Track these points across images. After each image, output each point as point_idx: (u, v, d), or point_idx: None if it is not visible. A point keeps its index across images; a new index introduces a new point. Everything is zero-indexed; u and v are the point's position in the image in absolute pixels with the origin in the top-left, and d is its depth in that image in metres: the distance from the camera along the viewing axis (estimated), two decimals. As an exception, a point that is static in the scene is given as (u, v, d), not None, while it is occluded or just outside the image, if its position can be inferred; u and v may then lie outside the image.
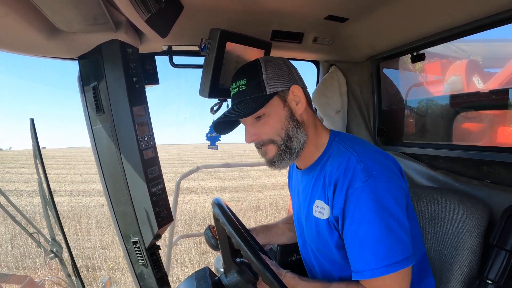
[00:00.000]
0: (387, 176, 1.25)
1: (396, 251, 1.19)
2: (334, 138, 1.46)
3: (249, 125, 1.47)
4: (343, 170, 1.28)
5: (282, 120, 1.41)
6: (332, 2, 1.64)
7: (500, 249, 1.52)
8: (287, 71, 1.43)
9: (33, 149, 1.73)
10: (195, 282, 1.40)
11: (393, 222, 1.20)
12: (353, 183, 1.24)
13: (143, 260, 1.79)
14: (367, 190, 1.22)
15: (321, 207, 1.38)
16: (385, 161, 1.32)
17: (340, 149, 1.39)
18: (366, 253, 1.21)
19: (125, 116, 1.63)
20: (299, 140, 1.41)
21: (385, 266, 1.18)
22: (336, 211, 1.29)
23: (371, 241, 1.20)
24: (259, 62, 1.43)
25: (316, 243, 1.47)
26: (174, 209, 3.18)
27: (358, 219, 1.23)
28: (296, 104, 1.42)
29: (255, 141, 1.47)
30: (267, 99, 1.39)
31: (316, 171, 1.45)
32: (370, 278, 1.20)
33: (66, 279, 1.91)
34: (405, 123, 2.60)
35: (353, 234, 1.25)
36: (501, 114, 2.05)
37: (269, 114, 1.41)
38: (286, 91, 1.41)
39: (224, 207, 1.31)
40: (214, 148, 2.20)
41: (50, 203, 1.75)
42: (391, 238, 1.20)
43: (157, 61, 2.02)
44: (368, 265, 1.20)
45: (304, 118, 1.44)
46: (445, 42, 1.97)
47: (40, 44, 1.46)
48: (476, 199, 1.73)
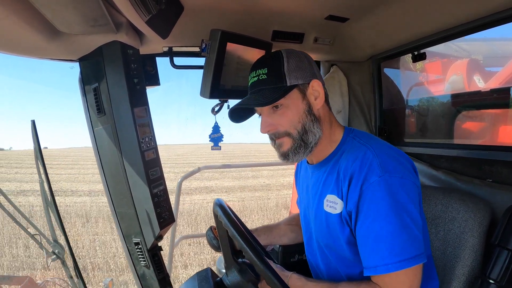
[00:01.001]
0: (402, 172, 1.26)
1: (410, 247, 1.19)
2: (348, 134, 1.46)
3: (265, 115, 1.45)
4: (359, 164, 1.28)
5: (300, 113, 1.40)
6: (333, 2, 1.64)
7: (502, 249, 1.52)
8: (308, 65, 1.43)
9: (34, 150, 1.73)
10: (197, 282, 1.40)
11: (407, 218, 1.21)
12: (369, 177, 1.24)
13: (145, 261, 1.79)
14: (382, 185, 1.22)
15: (334, 202, 1.37)
16: (400, 158, 1.32)
17: (356, 144, 1.39)
18: (381, 247, 1.21)
19: (126, 117, 1.63)
20: (315, 134, 1.41)
21: (400, 261, 1.18)
22: (350, 206, 1.29)
23: (386, 236, 1.20)
24: (281, 53, 1.42)
25: (326, 239, 1.46)
26: (175, 210, 3.19)
27: (373, 213, 1.23)
28: (314, 99, 1.42)
29: (270, 132, 1.46)
30: (287, 90, 1.38)
31: (328, 166, 1.45)
32: (384, 273, 1.20)
33: (68, 280, 1.91)
34: (406, 123, 2.60)
35: (368, 228, 1.24)
36: (503, 113, 2.05)
37: (288, 106, 1.40)
38: (306, 85, 1.41)
39: (226, 208, 1.31)
40: (218, 149, 2.20)
41: (52, 204, 1.75)
42: (405, 233, 1.20)
43: (157, 62, 2.02)
44: (383, 260, 1.20)
45: (321, 114, 1.44)
46: (446, 41, 1.97)
47: (41, 46, 1.47)
48: (478, 198, 1.73)
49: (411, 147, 2.39)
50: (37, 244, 1.84)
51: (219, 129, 2.16)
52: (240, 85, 1.91)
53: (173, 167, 25.23)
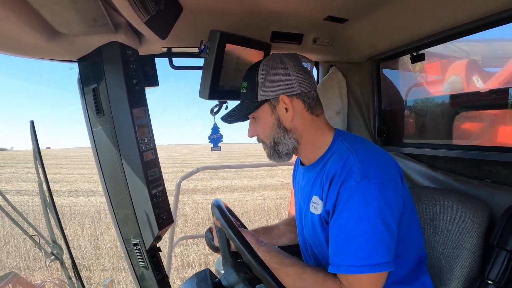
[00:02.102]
0: (383, 178, 1.26)
1: (377, 253, 1.20)
2: (338, 137, 1.48)
3: (250, 123, 1.59)
4: (340, 167, 1.30)
5: (270, 126, 1.50)
6: (332, 3, 1.64)
7: (501, 250, 1.52)
8: (283, 76, 1.44)
9: (33, 151, 1.73)
10: (195, 283, 1.40)
11: (380, 225, 1.21)
12: (347, 181, 1.26)
13: (144, 262, 1.79)
14: (359, 191, 1.23)
15: (316, 203, 1.42)
16: (384, 163, 1.33)
17: (342, 147, 1.41)
18: (347, 249, 1.23)
19: (125, 118, 1.63)
20: (287, 145, 1.49)
21: (362, 266, 1.19)
22: (328, 206, 1.32)
23: (354, 239, 1.22)
24: (259, 65, 1.47)
25: (312, 239, 1.50)
26: (174, 210, 3.18)
27: (346, 215, 1.25)
28: (285, 112, 1.45)
29: (254, 137, 1.60)
30: (258, 105, 1.48)
31: (317, 168, 1.48)
32: (345, 273, 1.23)
33: (67, 281, 1.91)
34: (405, 124, 2.60)
35: (339, 228, 1.27)
36: (501, 113, 2.05)
37: (260, 119, 1.52)
38: (276, 99, 1.45)
39: (223, 208, 1.31)
40: (217, 150, 2.20)
41: (51, 205, 1.75)
42: (375, 239, 1.21)
43: (156, 63, 2.02)
44: (346, 261, 1.22)
45: (296, 124, 1.48)
46: (444, 42, 1.97)
47: (40, 47, 1.46)
48: (477, 199, 1.73)
49: (409, 148, 2.40)
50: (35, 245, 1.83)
51: (218, 129, 2.16)
52: (239, 86, 1.90)
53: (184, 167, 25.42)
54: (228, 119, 1.58)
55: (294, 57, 1.49)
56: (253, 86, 1.47)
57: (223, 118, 1.63)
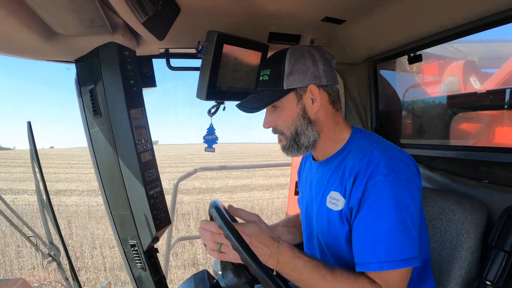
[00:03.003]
0: (407, 174, 1.26)
1: (407, 249, 1.20)
2: (356, 134, 1.47)
3: (268, 112, 1.53)
4: (366, 162, 1.29)
5: (293, 116, 1.45)
6: (329, 4, 1.64)
7: (499, 250, 1.52)
8: (311, 66, 1.42)
9: (30, 151, 1.73)
10: (193, 285, 1.39)
11: (408, 220, 1.21)
12: (375, 176, 1.25)
13: (141, 263, 1.79)
14: (387, 185, 1.22)
15: (336, 198, 1.38)
16: (405, 159, 1.33)
17: (363, 144, 1.40)
18: (378, 245, 1.21)
19: (122, 119, 1.63)
20: (309, 137, 1.45)
21: (395, 261, 1.18)
22: (352, 202, 1.30)
23: (385, 235, 1.21)
24: (286, 54, 1.44)
25: (326, 236, 1.46)
26: (172, 211, 3.18)
27: (375, 211, 1.23)
28: (312, 103, 1.43)
29: (270, 128, 1.54)
30: (283, 94, 1.43)
31: (334, 163, 1.46)
32: (377, 270, 1.21)
33: (64, 282, 1.90)
34: (402, 124, 2.60)
35: (367, 225, 1.25)
36: (499, 114, 2.06)
37: (283, 108, 1.46)
38: (304, 88, 1.42)
39: (221, 209, 1.30)
40: (211, 151, 2.19)
41: (48, 206, 1.74)
42: (404, 234, 1.20)
43: (154, 64, 2.02)
44: (378, 258, 1.20)
45: (320, 116, 1.46)
46: (442, 43, 1.97)
47: (37, 47, 1.46)
48: (475, 200, 1.73)
49: (407, 149, 2.39)
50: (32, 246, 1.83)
51: (214, 131, 2.15)
52: (236, 86, 1.90)
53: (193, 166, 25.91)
54: (246, 107, 1.52)
55: (320, 50, 1.48)
56: (278, 74, 1.43)
57: (240, 106, 1.58)
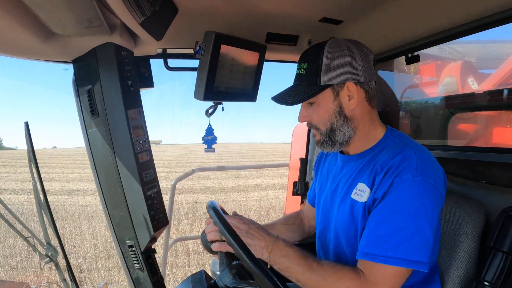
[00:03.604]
0: (436, 180, 1.26)
1: (418, 251, 1.19)
2: (391, 132, 1.48)
3: (303, 107, 1.50)
4: (399, 159, 1.29)
5: (329, 113, 1.43)
6: (327, 4, 1.65)
7: (497, 251, 1.51)
8: (349, 62, 1.40)
9: (28, 152, 1.72)
10: (191, 285, 1.39)
11: (426, 223, 1.21)
12: (404, 174, 1.25)
13: (139, 263, 1.79)
14: (414, 186, 1.23)
15: (362, 190, 1.38)
16: (438, 166, 1.34)
17: (398, 142, 1.40)
18: (390, 239, 1.21)
19: (120, 119, 1.63)
20: (344, 134, 1.43)
21: (401, 259, 1.18)
22: (378, 194, 1.30)
23: (399, 231, 1.21)
24: (324, 48, 1.41)
25: (347, 227, 1.45)
26: (169, 212, 3.17)
27: (395, 207, 1.24)
28: (348, 100, 1.41)
29: (305, 122, 1.52)
30: (319, 90, 1.40)
31: (366, 158, 1.46)
32: (381, 263, 1.20)
33: (62, 283, 1.90)
34: (400, 125, 2.60)
35: (383, 218, 1.25)
36: (496, 115, 2.06)
37: (319, 104, 1.43)
38: (341, 85, 1.40)
39: (219, 210, 1.30)
40: (211, 151, 2.19)
41: (45, 207, 1.74)
42: (419, 237, 1.20)
43: (152, 64, 2.01)
44: (385, 252, 1.20)
45: (356, 113, 1.44)
46: (439, 43, 1.98)
47: (35, 47, 1.46)
48: (473, 200, 1.73)
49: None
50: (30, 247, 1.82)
51: (212, 131, 2.15)
52: (234, 86, 1.91)
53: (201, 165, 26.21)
54: (283, 101, 1.48)
55: (358, 45, 1.45)
56: (315, 68, 1.39)
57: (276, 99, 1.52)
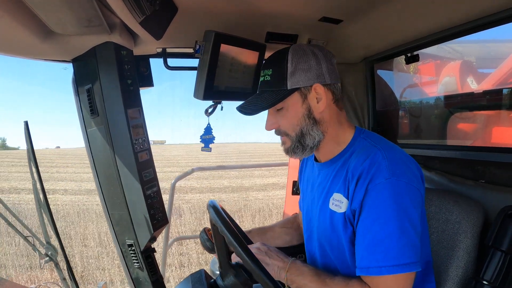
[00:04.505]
0: (410, 177, 1.25)
1: (407, 253, 1.19)
2: (359, 134, 1.46)
3: (270, 114, 1.48)
4: (368, 164, 1.28)
5: (298, 116, 1.41)
6: (327, 3, 1.64)
7: (496, 250, 1.52)
8: (315, 65, 1.39)
9: (27, 151, 1.72)
10: (190, 284, 1.39)
11: (408, 224, 1.20)
12: (376, 178, 1.24)
13: (139, 263, 1.79)
14: (388, 188, 1.21)
15: (339, 201, 1.36)
16: (410, 163, 1.32)
17: (366, 145, 1.38)
18: (377, 249, 1.20)
19: (119, 118, 1.63)
20: (314, 138, 1.41)
21: (393, 266, 1.17)
22: (355, 204, 1.28)
23: (384, 239, 1.20)
24: (287, 53, 1.40)
25: (328, 238, 1.45)
26: (169, 211, 3.17)
27: (374, 214, 1.22)
28: (317, 102, 1.40)
29: (273, 130, 1.49)
30: (287, 94, 1.38)
31: (337, 164, 1.44)
32: (376, 275, 1.20)
33: (61, 283, 1.90)
34: (399, 124, 2.60)
35: (367, 228, 1.24)
36: (495, 114, 2.06)
37: (287, 109, 1.41)
38: (308, 88, 1.39)
39: (219, 209, 1.30)
40: (208, 150, 2.18)
41: (45, 206, 1.74)
42: (404, 239, 1.19)
43: (151, 63, 2.01)
44: (377, 262, 1.19)
45: (325, 116, 1.43)
46: (439, 43, 1.98)
47: (34, 46, 1.46)
48: (471, 199, 1.73)
49: (404, 149, 2.37)
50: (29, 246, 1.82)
51: (211, 130, 2.15)
52: (233, 86, 1.91)
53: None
54: (248, 109, 1.46)
55: (321, 48, 1.45)
56: (280, 73, 1.39)
57: (241, 108, 1.52)
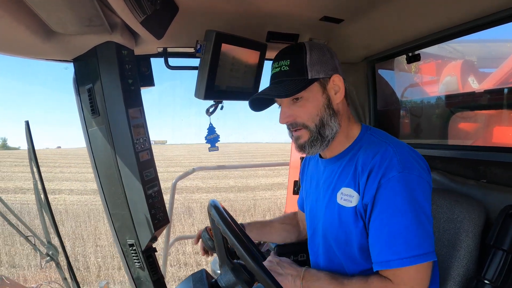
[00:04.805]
0: (420, 171, 1.27)
1: (424, 243, 1.20)
2: (366, 130, 1.48)
3: (285, 106, 1.46)
4: (379, 159, 1.29)
5: (319, 106, 1.41)
6: (327, 3, 1.64)
7: (497, 249, 1.52)
8: (330, 59, 1.43)
9: (28, 151, 1.72)
10: (192, 284, 1.39)
11: (422, 215, 1.22)
12: (388, 172, 1.25)
13: (140, 262, 1.79)
14: (402, 181, 1.23)
15: (349, 195, 1.37)
16: (417, 157, 1.34)
17: (374, 140, 1.40)
18: (396, 242, 1.22)
19: (120, 118, 1.63)
20: (332, 129, 1.42)
21: (414, 256, 1.18)
22: (367, 199, 1.30)
23: (402, 231, 1.21)
24: (305, 45, 1.42)
25: (336, 233, 1.45)
26: (170, 211, 3.18)
27: (390, 208, 1.24)
28: (335, 93, 1.43)
29: (289, 123, 1.47)
30: (308, 83, 1.39)
31: (344, 159, 1.46)
32: (398, 267, 1.20)
33: (62, 282, 1.90)
34: (400, 124, 2.60)
35: (383, 222, 1.25)
36: (497, 114, 2.06)
37: (307, 99, 1.41)
38: (327, 79, 1.42)
39: (220, 209, 1.30)
40: (215, 150, 2.19)
41: (46, 206, 1.74)
42: (420, 229, 1.21)
43: (152, 63, 2.01)
44: (398, 254, 1.20)
45: (340, 108, 1.46)
46: (440, 42, 1.98)
47: (35, 46, 1.46)
48: (473, 199, 1.73)
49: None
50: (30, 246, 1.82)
51: (214, 130, 2.15)
52: (234, 85, 1.91)
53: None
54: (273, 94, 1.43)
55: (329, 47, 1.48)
56: (300, 64, 1.39)
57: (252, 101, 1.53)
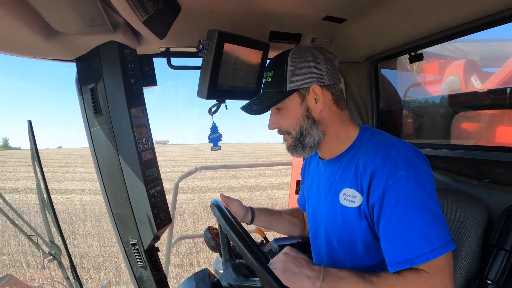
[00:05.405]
0: (423, 166, 1.28)
1: (443, 234, 1.20)
2: (365, 131, 1.48)
3: (272, 114, 1.54)
4: (381, 159, 1.29)
5: (297, 116, 1.46)
6: (330, 2, 1.64)
7: (500, 249, 1.52)
8: (314, 67, 1.43)
9: (31, 150, 1.72)
10: (194, 283, 1.39)
11: (436, 208, 1.22)
12: (395, 172, 1.25)
13: (142, 262, 1.79)
14: (410, 178, 1.23)
15: (352, 195, 1.37)
16: (416, 153, 1.34)
17: (374, 141, 1.40)
18: (415, 239, 1.21)
19: (123, 117, 1.63)
20: (313, 137, 1.45)
21: (437, 249, 1.17)
22: (373, 200, 1.29)
23: (420, 227, 1.20)
24: (288, 56, 1.45)
25: (339, 233, 1.45)
26: (172, 210, 3.17)
27: (403, 208, 1.23)
28: (315, 103, 1.44)
29: (275, 129, 1.55)
30: (286, 95, 1.44)
31: (344, 160, 1.46)
32: (423, 263, 1.19)
33: (65, 282, 1.90)
34: (403, 123, 2.60)
35: (399, 222, 1.24)
36: (500, 113, 2.05)
37: (287, 109, 1.47)
38: (306, 89, 1.43)
39: (223, 208, 1.30)
40: (218, 149, 2.19)
41: (48, 205, 1.74)
42: (437, 222, 1.20)
43: (155, 63, 2.01)
44: (420, 250, 1.19)
45: (325, 116, 1.46)
46: (443, 42, 1.97)
47: (37, 46, 1.46)
48: (475, 199, 1.73)
49: (408, 148, 2.39)
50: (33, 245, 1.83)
51: (217, 129, 2.16)
52: (237, 85, 1.91)
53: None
54: (251, 109, 1.52)
55: (322, 50, 1.48)
56: (281, 75, 1.44)
57: (244, 108, 1.57)
